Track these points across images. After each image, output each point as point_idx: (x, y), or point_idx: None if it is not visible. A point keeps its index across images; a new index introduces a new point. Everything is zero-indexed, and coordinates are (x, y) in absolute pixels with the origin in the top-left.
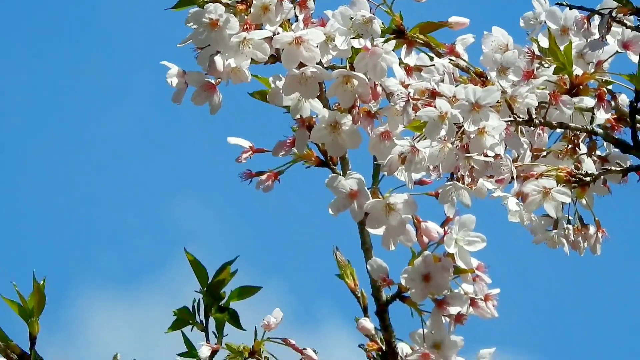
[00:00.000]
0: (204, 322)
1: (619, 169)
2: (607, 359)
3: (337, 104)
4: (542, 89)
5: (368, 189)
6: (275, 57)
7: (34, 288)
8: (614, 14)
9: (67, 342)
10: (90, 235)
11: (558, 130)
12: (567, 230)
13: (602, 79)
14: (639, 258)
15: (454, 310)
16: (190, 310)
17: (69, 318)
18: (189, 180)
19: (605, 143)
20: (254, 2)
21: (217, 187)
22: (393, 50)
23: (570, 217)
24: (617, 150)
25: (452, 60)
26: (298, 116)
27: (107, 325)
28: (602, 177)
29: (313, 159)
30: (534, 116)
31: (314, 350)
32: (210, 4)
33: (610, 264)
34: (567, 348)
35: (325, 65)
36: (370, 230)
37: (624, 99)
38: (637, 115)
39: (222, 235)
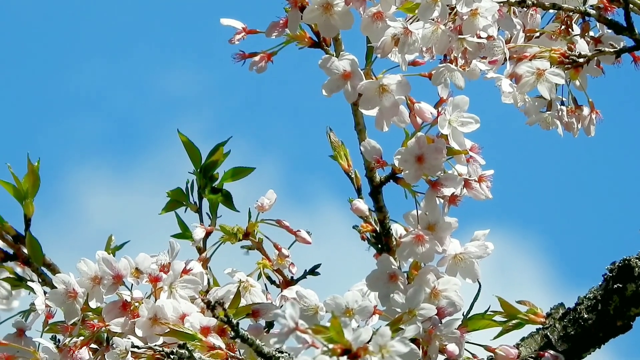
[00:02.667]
0: (197, 204)
1: (612, 50)
2: (599, 236)
3: None
4: None
5: (361, 69)
6: None
7: (29, 169)
8: None
9: (62, 224)
10: (82, 112)
11: (551, 11)
12: (560, 112)
13: None
14: (631, 139)
15: (447, 191)
16: (184, 191)
17: (63, 199)
18: (183, 55)
19: (598, 24)
20: None
21: (210, 66)
22: None
23: (563, 99)
24: (610, 31)
25: None
26: None
27: (101, 206)
28: (595, 58)
29: (306, 39)
30: None
31: (308, 232)
32: None
33: (604, 146)
34: (560, 227)
35: None
36: (364, 111)
37: None
38: None
39: (216, 116)
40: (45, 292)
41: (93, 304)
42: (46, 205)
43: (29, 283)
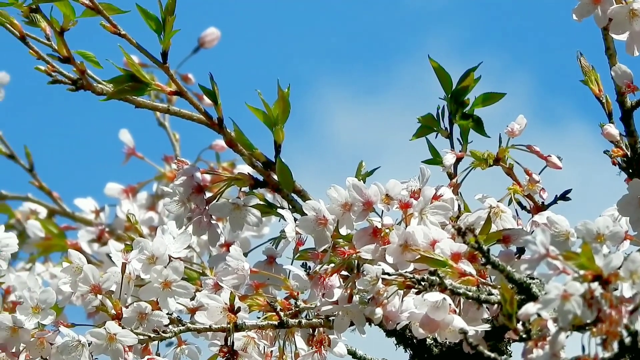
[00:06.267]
0: (448, 129)
1: None
2: None
3: None
4: None
5: None
6: None
7: (279, 95)
8: None
9: (311, 149)
10: (324, 30)
11: None
12: None
13: None
14: None
15: None
16: (435, 117)
17: (312, 123)
18: None
19: None
20: None
21: None
22: None
23: None
24: None
25: None
26: None
27: (350, 130)
28: None
29: None
30: None
31: (559, 157)
32: None
33: None
34: None
35: None
36: (614, 36)
37: None
38: None
39: (462, 33)
40: (295, 219)
41: (343, 230)
42: (295, 130)
43: (279, 210)
